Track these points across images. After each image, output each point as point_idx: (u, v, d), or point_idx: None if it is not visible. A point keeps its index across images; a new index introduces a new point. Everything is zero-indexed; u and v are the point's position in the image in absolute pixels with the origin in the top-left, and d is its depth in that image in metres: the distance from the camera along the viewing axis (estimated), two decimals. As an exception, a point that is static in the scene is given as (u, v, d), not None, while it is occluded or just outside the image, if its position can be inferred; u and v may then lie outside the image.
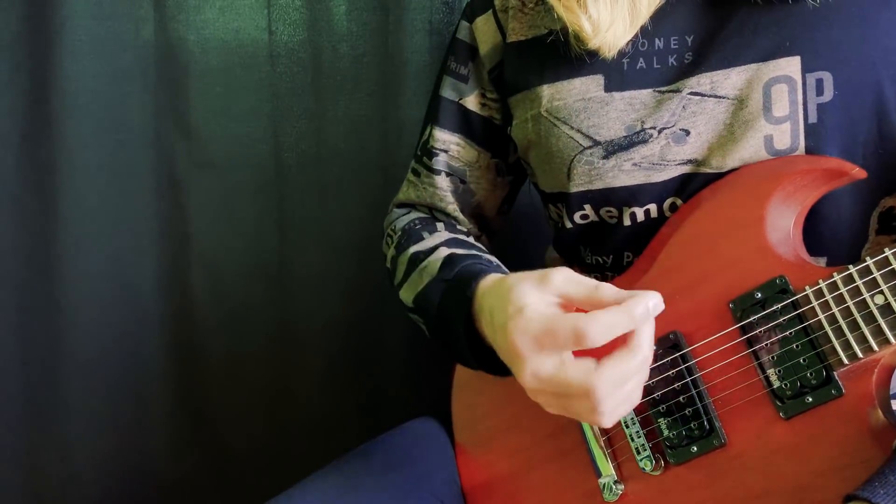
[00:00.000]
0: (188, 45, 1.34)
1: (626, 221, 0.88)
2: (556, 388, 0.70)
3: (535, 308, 0.71)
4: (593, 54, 0.88)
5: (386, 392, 1.40)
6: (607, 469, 0.86)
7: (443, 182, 1.04)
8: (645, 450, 0.83)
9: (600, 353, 0.70)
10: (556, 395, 0.72)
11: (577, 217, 0.92)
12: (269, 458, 1.43)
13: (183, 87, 1.35)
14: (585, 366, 0.69)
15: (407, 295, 0.98)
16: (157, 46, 1.34)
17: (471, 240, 1.02)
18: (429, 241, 0.98)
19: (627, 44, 0.87)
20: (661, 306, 0.70)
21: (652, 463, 0.83)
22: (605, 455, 0.86)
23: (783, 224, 0.79)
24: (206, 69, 1.35)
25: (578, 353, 0.71)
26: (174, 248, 1.39)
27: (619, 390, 0.70)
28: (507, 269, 0.92)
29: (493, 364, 0.83)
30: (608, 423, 0.72)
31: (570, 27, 0.87)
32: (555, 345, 0.69)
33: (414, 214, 1.06)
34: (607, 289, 0.71)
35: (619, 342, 0.70)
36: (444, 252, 0.94)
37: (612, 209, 0.89)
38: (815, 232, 0.82)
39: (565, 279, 0.72)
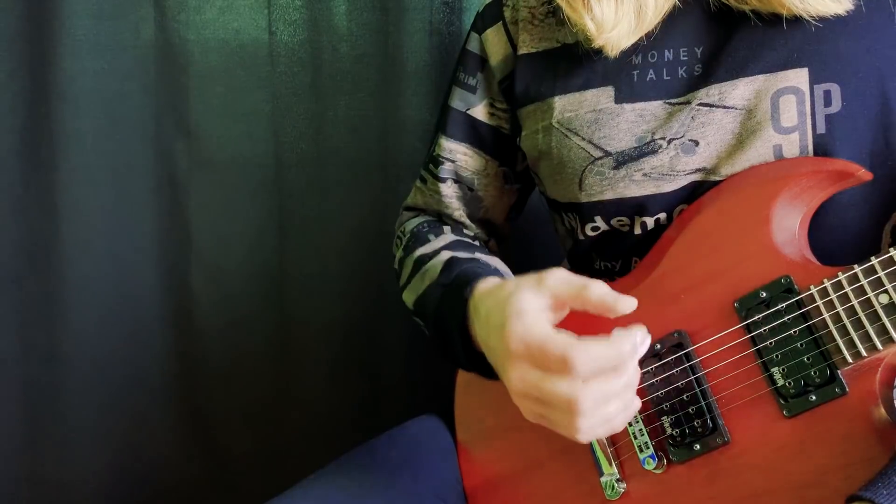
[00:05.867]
0: (188, 45, 1.34)
1: (637, 230, 0.89)
2: (539, 395, 0.71)
3: (534, 317, 0.72)
4: (599, 54, 0.88)
5: (386, 391, 1.41)
6: (609, 467, 0.86)
7: (448, 190, 1.05)
8: (647, 448, 0.84)
9: None
10: (538, 401, 0.72)
11: (588, 229, 0.92)
12: (269, 458, 1.43)
13: (183, 87, 1.35)
14: (572, 381, 0.70)
15: (409, 297, 0.99)
16: (157, 46, 1.34)
17: (476, 243, 1.02)
18: (434, 244, 0.99)
19: (637, 55, 0.88)
20: (648, 341, 0.71)
21: (654, 461, 0.83)
22: (608, 453, 0.86)
23: (789, 224, 0.79)
24: (206, 69, 1.35)
25: None
26: (174, 248, 1.39)
27: (600, 409, 0.70)
28: (508, 271, 0.93)
29: (484, 367, 0.84)
30: (583, 439, 0.72)
31: (575, 26, 0.88)
32: (543, 363, 0.70)
33: (423, 217, 1.08)
34: (594, 289, 0.72)
35: None
36: (445, 255, 0.95)
37: (623, 219, 0.89)
38: (826, 247, 0.82)
39: (557, 280, 0.73)
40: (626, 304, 0.71)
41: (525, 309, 0.72)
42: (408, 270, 1.00)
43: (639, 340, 0.70)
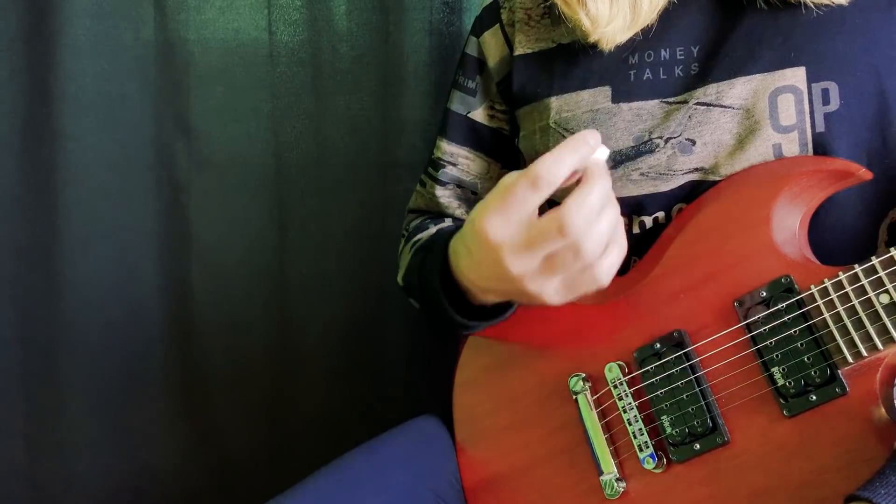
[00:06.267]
0: (188, 45, 1.34)
1: (636, 230, 0.89)
2: (537, 251, 0.71)
3: (491, 195, 0.73)
4: (595, 49, 0.89)
5: (386, 391, 1.41)
6: (609, 466, 0.86)
7: (446, 192, 1.06)
8: (647, 447, 0.84)
9: None
10: (543, 265, 0.72)
11: None
12: (269, 458, 1.43)
13: (183, 87, 1.35)
14: (551, 214, 0.70)
15: (400, 276, 1.01)
16: (157, 46, 1.34)
17: None
18: (432, 230, 1.01)
19: (634, 54, 0.89)
20: (603, 147, 0.73)
21: (654, 460, 0.83)
22: (607, 452, 0.86)
23: (789, 224, 0.79)
24: (206, 69, 1.35)
25: None
26: (174, 248, 1.39)
27: (594, 225, 0.70)
28: None
29: (477, 316, 0.85)
30: (603, 271, 0.73)
31: (570, 22, 0.88)
32: (516, 202, 0.70)
33: (426, 216, 1.09)
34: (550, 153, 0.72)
35: None
36: (434, 230, 0.97)
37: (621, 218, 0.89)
38: (824, 245, 0.82)
39: (511, 176, 0.73)
40: (582, 147, 0.71)
41: (484, 202, 0.74)
42: (404, 257, 1.02)
43: (592, 142, 0.71)
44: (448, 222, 1.03)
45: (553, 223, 0.69)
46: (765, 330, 0.77)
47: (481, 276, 0.79)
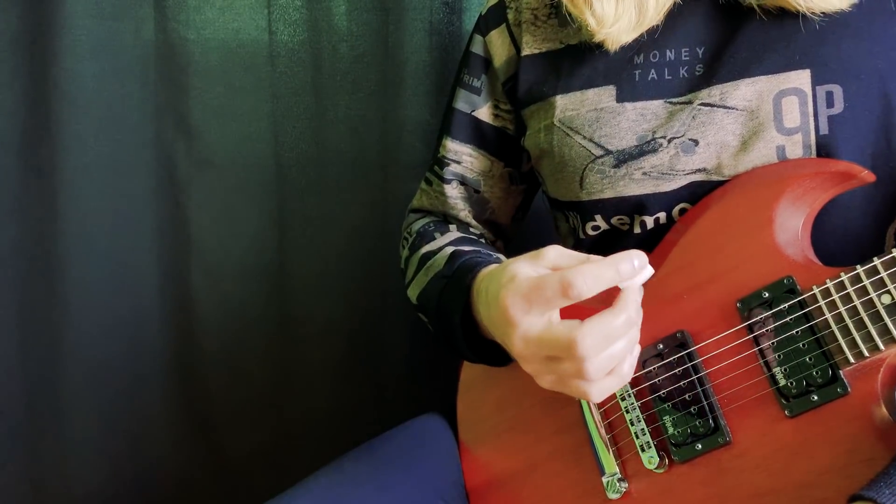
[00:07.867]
0: (188, 45, 1.34)
1: (637, 229, 0.89)
2: (543, 349, 0.71)
3: (527, 273, 0.73)
4: (601, 48, 0.90)
5: (387, 391, 1.41)
6: (611, 466, 0.86)
7: (452, 191, 1.06)
8: (649, 447, 0.84)
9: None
10: (545, 359, 0.73)
11: (589, 228, 0.93)
12: (270, 458, 1.43)
13: (183, 87, 1.35)
14: (571, 322, 0.70)
15: (413, 293, 1.00)
16: (157, 46, 1.34)
17: (481, 240, 1.03)
18: (439, 241, 1.00)
19: (639, 54, 0.89)
20: (648, 267, 0.72)
21: (656, 460, 0.83)
22: (610, 452, 0.86)
23: (792, 225, 0.79)
24: (206, 69, 1.35)
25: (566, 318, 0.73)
26: (174, 248, 1.38)
27: (604, 351, 0.70)
28: None
29: (490, 355, 0.86)
30: (595, 391, 0.72)
31: (576, 20, 0.89)
32: (543, 299, 0.70)
33: (429, 218, 1.09)
34: (594, 257, 0.72)
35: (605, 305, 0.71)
36: (449, 249, 0.96)
37: (623, 217, 0.90)
38: (828, 248, 0.82)
39: (558, 253, 0.74)
40: (625, 264, 0.70)
41: (518, 272, 0.73)
42: (413, 268, 1.01)
43: (636, 262, 0.70)
44: (453, 230, 1.03)
45: (567, 337, 0.69)
46: (767, 330, 0.77)
47: (493, 329, 0.80)
